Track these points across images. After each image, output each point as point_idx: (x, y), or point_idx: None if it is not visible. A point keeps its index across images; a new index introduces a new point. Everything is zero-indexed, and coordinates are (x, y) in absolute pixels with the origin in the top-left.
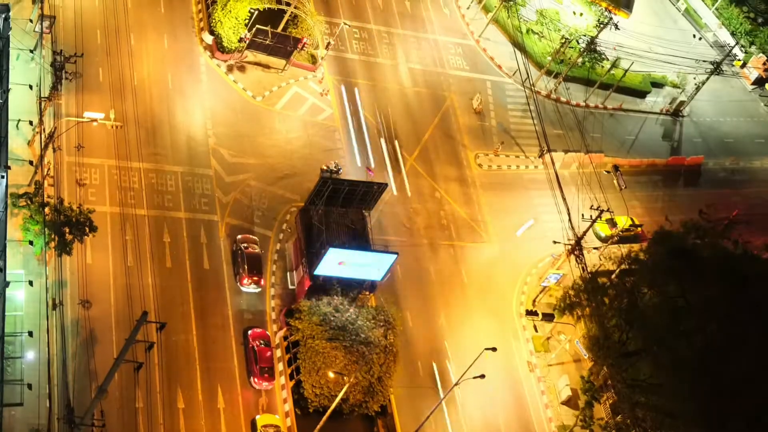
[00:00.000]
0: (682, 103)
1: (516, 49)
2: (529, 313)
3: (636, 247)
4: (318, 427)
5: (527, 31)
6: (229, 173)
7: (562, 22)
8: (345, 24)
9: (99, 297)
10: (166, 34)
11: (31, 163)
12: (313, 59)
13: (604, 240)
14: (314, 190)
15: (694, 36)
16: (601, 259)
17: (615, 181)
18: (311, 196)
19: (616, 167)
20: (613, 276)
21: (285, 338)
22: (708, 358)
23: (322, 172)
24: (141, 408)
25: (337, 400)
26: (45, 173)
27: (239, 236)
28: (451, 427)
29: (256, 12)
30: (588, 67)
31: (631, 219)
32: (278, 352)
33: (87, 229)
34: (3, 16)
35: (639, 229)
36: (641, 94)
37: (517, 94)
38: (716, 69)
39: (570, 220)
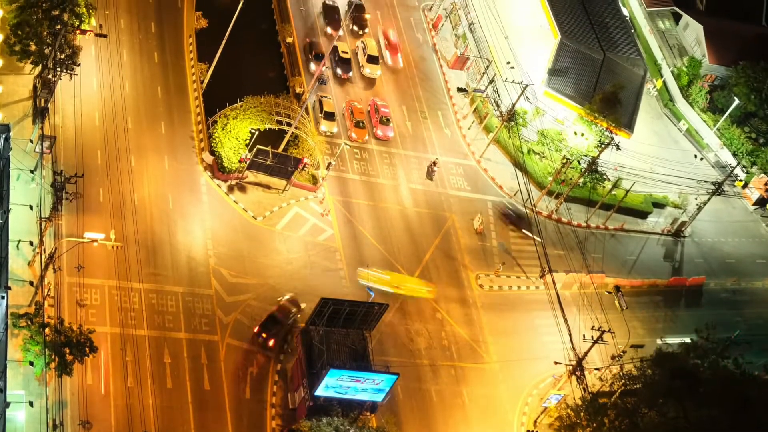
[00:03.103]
0: (683, 223)
1: (517, 169)
2: None
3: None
4: None
5: (528, 152)
6: (229, 293)
7: (563, 143)
8: (346, 144)
9: (99, 418)
10: (166, 154)
11: (31, 283)
12: (314, 179)
13: None
14: (315, 310)
15: (696, 156)
16: (602, 380)
17: (616, 302)
18: (312, 317)
19: (617, 288)
20: (614, 397)
21: None
22: None
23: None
24: None
25: None
26: (45, 294)
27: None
28: None
29: (257, 132)
30: (589, 188)
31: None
32: None
33: (87, 350)
34: (3, 136)
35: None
36: (643, 215)
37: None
38: (718, 189)
39: (571, 340)
